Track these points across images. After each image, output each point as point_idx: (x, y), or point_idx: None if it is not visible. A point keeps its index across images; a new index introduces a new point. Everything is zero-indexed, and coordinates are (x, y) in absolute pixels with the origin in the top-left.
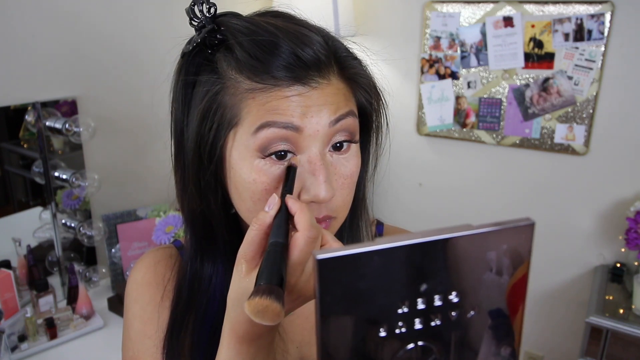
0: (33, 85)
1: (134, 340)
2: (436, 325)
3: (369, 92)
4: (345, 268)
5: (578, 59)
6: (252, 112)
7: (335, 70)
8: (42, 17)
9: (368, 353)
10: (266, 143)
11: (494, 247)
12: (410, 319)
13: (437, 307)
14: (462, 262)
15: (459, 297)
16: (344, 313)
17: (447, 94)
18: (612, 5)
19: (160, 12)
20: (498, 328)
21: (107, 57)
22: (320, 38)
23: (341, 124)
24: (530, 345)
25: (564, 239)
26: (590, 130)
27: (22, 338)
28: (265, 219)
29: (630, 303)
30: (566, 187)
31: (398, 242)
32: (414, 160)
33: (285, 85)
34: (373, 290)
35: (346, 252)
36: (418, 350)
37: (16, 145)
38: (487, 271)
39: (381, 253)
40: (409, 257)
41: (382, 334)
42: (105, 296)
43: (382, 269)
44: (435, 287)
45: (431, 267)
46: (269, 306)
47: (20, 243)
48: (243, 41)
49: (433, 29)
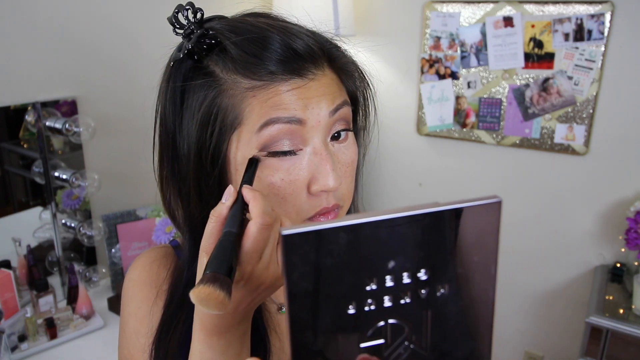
0: (33, 85)
1: (129, 338)
2: (406, 303)
3: (358, 79)
4: (311, 244)
5: (578, 59)
6: (255, 110)
7: (326, 60)
8: (42, 17)
9: (338, 330)
10: (270, 140)
11: (461, 224)
12: (379, 297)
13: (406, 285)
14: (430, 239)
15: (428, 275)
16: (311, 290)
17: (447, 94)
18: (612, 5)
19: (161, 12)
20: (470, 308)
21: (107, 57)
22: (306, 31)
23: (339, 114)
24: (530, 345)
25: (564, 239)
26: (590, 130)
27: (22, 338)
28: (221, 210)
29: (630, 303)
30: (566, 187)
31: (363, 219)
32: (414, 160)
33: (284, 79)
34: (340, 266)
35: (311, 228)
36: (389, 328)
37: (16, 145)
38: (455, 249)
39: (347, 229)
40: (375, 234)
41: (351, 311)
42: (105, 296)
43: (349, 245)
44: (403, 264)
45: (398, 244)
46: (211, 294)
47: (20, 243)
48: (236, 41)
49: (433, 29)
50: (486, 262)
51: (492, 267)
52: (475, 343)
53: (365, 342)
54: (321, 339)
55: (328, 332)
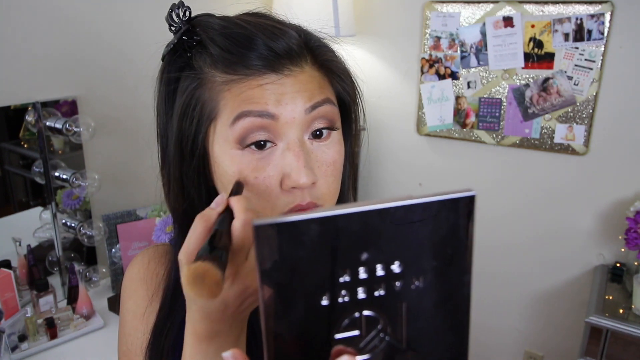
0: (33, 85)
1: (128, 335)
2: (380, 295)
3: (344, 80)
4: (283, 236)
5: (578, 59)
6: (229, 104)
7: (308, 59)
8: (42, 17)
9: (312, 321)
10: (244, 133)
11: (434, 218)
12: (352, 288)
13: (380, 277)
14: (403, 232)
15: (402, 267)
16: (284, 281)
17: (447, 94)
18: (612, 5)
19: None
20: (446, 301)
21: (107, 57)
22: (293, 31)
23: (318, 111)
24: (530, 345)
25: (563, 239)
26: (590, 130)
27: (22, 338)
28: (210, 215)
29: (630, 303)
30: (566, 187)
31: (335, 211)
32: (414, 160)
33: (259, 74)
34: (312, 258)
35: (283, 219)
36: (363, 319)
37: (16, 145)
38: (429, 242)
39: (318, 221)
40: (347, 226)
41: (325, 303)
42: (105, 296)
43: (321, 237)
44: (376, 256)
45: (371, 237)
46: (209, 270)
47: (20, 243)
48: (215, 37)
49: (433, 29)
50: (461, 255)
51: (467, 261)
52: (452, 336)
53: (340, 334)
54: (295, 329)
55: (302, 322)
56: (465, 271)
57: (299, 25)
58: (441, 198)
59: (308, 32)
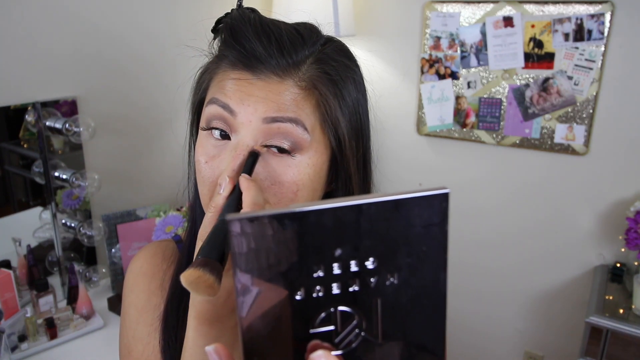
0: (33, 85)
1: (129, 327)
2: (355, 291)
3: (335, 130)
4: (256, 230)
5: (578, 59)
6: (210, 87)
7: (299, 76)
8: (42, 16)
9: (287, 316)
10: (209, 117)
11: (408, 215)
12: (327, 283)
13: (354, 273)
14: (377, 229)
15: (376, 263)
16: (259, 275)
17: (447, 94)
18: (612, 5)
19: (161, 12)
20: (422, 298)
21: (107, 57)
22: (308, 45)
23: (278, 127)
24: (530, 345)
25: (564, 239)
26: (590, 130)
27: (22, 338)
28: (218, 200)
29: (630, 303)
30: (566, 187)
31: (307, 207)
32: (414, 160)
33: (238, 69)
34: (286, 252)
35: (256, 214)
36: (338, 315)
37: (16, 145)
38: (403, 239)
39: (292, 217)
40: (320, 222)
41: (299, 297)
42: (105, 296)
43: (294, 232)
44: (349, 252)
45: (344, 233)
46: (201, 277)
47: (20, 243)
48: (226, 28)
49: (433, 29)
50: (435, 252)
51: (442, 258)
52: (429, 333)
53: (315, 329)
54: (270, 324)
55: (277, 317)
56: (440, 268)
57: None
58: (414, 195)
59: (327, 59)
